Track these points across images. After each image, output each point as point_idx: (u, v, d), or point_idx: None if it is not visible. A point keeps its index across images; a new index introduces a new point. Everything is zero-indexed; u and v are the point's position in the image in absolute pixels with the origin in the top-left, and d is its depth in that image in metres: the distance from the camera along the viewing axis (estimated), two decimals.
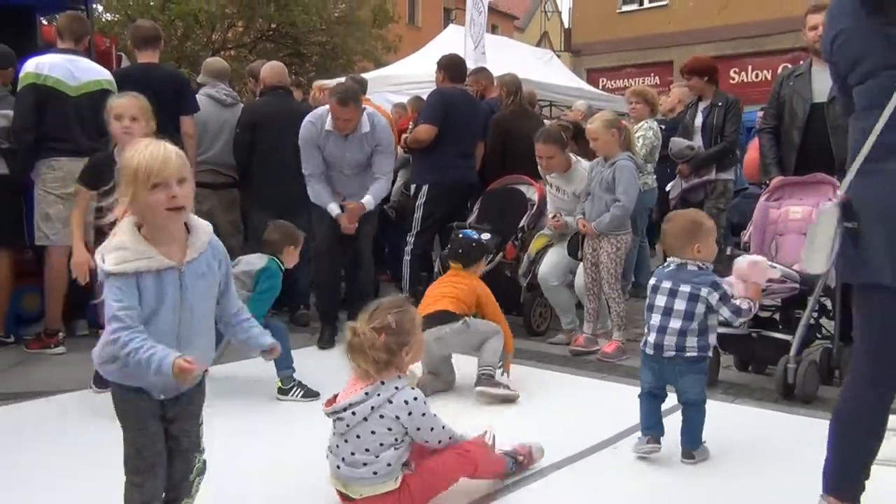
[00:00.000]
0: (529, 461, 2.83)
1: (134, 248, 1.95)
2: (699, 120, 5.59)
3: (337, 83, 4.72)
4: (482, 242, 4.06)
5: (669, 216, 3.15)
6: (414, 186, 5.63)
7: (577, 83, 12.84)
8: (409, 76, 9.76)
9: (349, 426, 2.36)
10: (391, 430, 2.35)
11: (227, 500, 2.44)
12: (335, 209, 4.76)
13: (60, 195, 4.51)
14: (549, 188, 5.15)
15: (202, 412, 2.19)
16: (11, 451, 3.01)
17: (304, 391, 3.67)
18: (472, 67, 6.69)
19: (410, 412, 2.36)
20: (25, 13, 6.04)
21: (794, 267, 3.75)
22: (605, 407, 3.64)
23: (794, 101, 4.34)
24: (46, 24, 6.45)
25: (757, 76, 17.60)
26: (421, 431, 2.40)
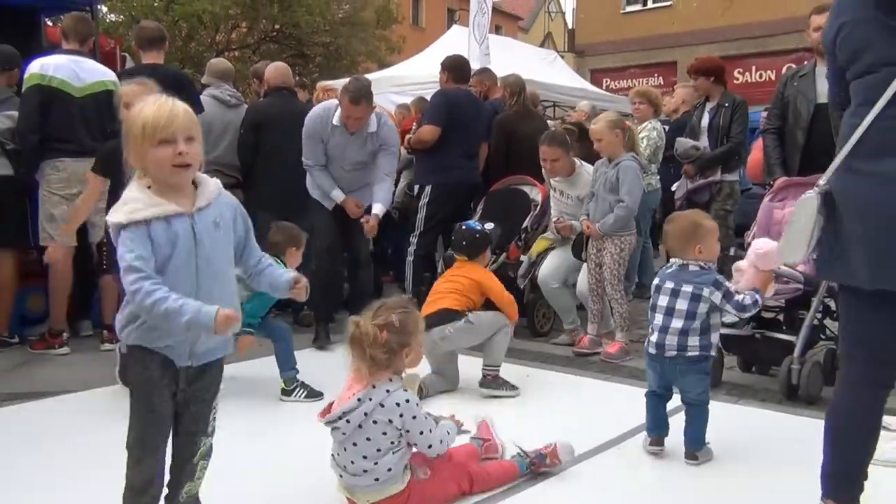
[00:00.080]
0: (553, 464, 2.77)
1: (142, 199, 1.91)
2: (706, 120, 5.57)
3: (350, 80, 4.68)
4: (485, 232, 4.06)
5: (670, 218, 3.16)
6: (417, 187, 5.64)
7: (580, 84, 12.85)
8: (412, 77, 9.76)
9: (346, 434, 2.34)
10: (386, 434, 2.33)
11: (229, 500, 2.44)
12: (339, 195, 4.76)
13: (65, 196, 4.53)
14: (552, 192, 5.15)
15: (217, 396, 2.14)
16: (12, 451, 3.01)
17: (307, 392, 3.67)
18: (476, 68, 6.70)
19: (401, 414, 2.33)
20: (30, 14, 6.06)
21: (797, 268, 3.74)
22: (608, 408, 3.64)
23: (798, 101, 4.33)
24: (51, 25, 6.48)
25: (761, 77, 17.58)
26: (411, 434, 2.37)
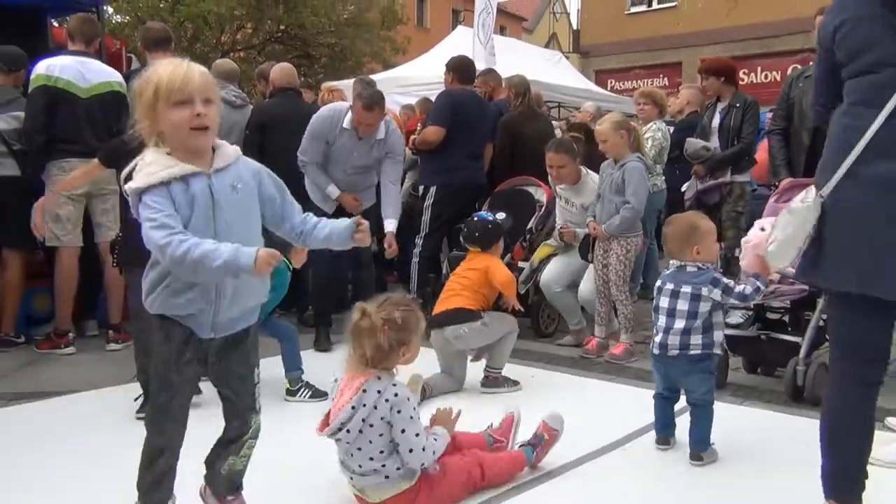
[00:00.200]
0: (552, 436, 2.82)
1: (159, 162, 1.88)
2: (716, 121, 5.52)
3: (362, 86, 4.67)
4: (497, 223, 4.06)
5: (669, 220, 3.18)
6: (422, 188, 5.64)
7: (585, 84, 12.84)
8: (417, 78, 9.76)
9: (349, 443, 2.34)
10: (382, 435, 2.32)
11: None
12: (334, 190, 4.76)
13: (71, 196, 4.54)
14: (557, 200, 5.14)
15: (256, 373, 2.11)
16: (13, 451, 3.01)
17: (311, 392, 3.68)
18: (481, 68, 6.70)
19: (392, 408, 2.29)
20: (36, 15, 6.08)
21: None
22: (613, 409, 3.65)
23: (803, 102, 4.31)
24: (57, 26, 6.49)
25: (766, 77, 17.54)
26: (394, 429, 2.31)
